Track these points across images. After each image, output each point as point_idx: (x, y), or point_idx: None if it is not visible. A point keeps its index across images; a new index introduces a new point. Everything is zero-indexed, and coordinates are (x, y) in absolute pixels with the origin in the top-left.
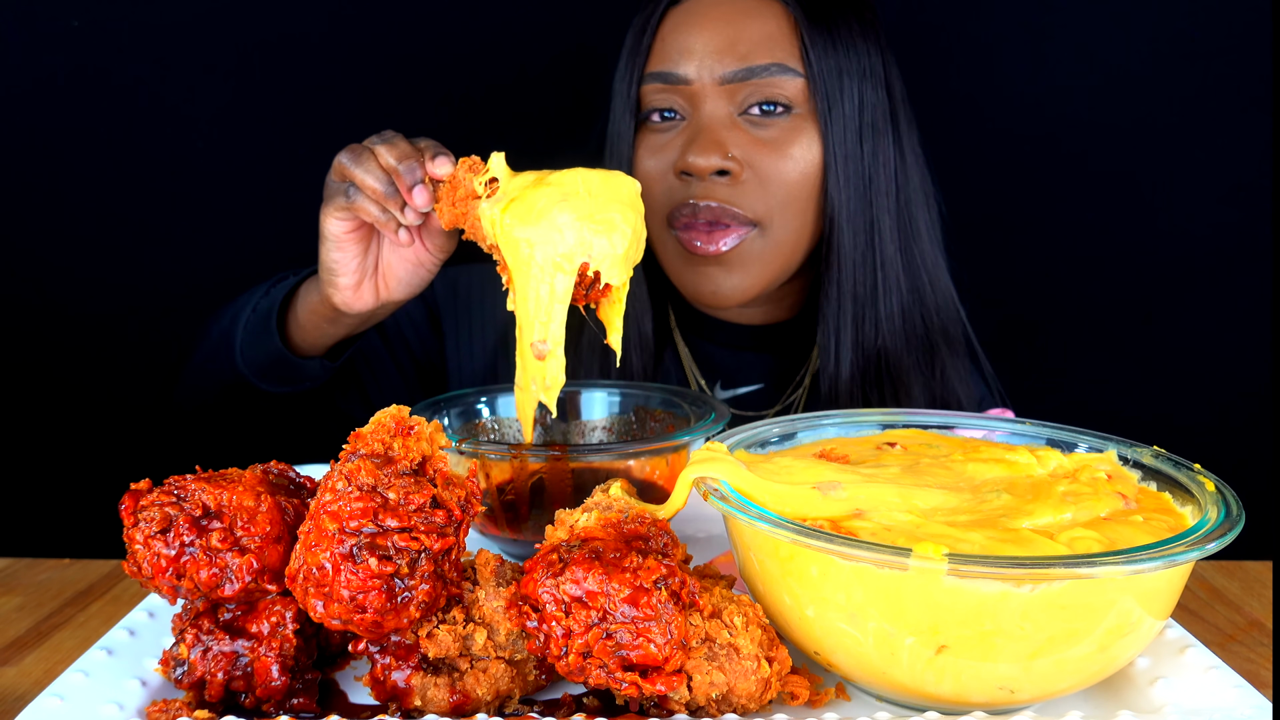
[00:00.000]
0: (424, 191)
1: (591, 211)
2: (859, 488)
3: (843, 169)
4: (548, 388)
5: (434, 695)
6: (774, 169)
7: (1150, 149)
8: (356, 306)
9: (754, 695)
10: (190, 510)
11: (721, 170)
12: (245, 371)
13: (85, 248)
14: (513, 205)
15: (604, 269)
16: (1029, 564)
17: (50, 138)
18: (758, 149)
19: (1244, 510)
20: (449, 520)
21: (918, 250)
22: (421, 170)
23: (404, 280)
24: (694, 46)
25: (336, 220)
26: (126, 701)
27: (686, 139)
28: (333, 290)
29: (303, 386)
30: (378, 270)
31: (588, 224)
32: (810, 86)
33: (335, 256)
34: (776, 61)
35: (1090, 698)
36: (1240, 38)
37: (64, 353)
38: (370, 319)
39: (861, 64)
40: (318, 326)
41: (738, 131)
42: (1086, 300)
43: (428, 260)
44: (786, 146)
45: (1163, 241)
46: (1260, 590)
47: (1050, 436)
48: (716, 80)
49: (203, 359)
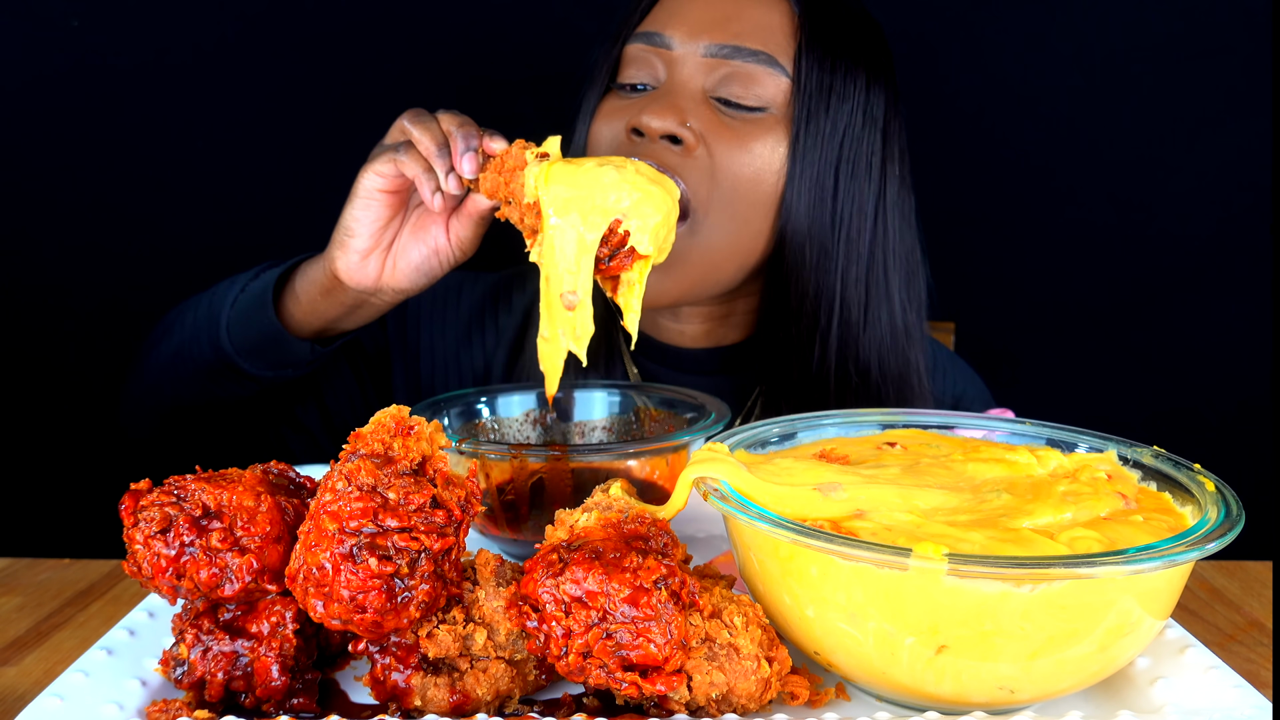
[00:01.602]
0: (473, 160)
1: (635, 181)
2: (860, 488)
3: (806, 189)
4: (578, 337)
5: (434, 695)
6: (729, 157)
7: (1150, 149)
8: (357, 277)
9: (754, 695)
10: (190, 510)
11: (674, 138)
12: (230, 351)
13: (85, 246)
14: (560, 163)
15: (634, 230)
16: (1029, 564)
17: (50, 137)
18: (719, 130)
19: (1244, 510)
20: (449, 520)
21: (885, 314)
22: (477, 139)
23: (413, 265)
24: (688, 15)
25: (376, 175)
26: (126, 701)
27: (649, 99)
28: (341, 253)
29: (285, 372)
30: (391, 249)
31: (629, 186)
32: (794, 91)
33: (358, 214)
34: (767, 51)
35: (1090, 698)
36: (1240, 38)
37: (64, 352)
38: (360, 306)
39: (858, 98)
40: (312, 300)
41: (704, 107)
42: (1086, 300)
43: (444, 251)
44: (750, 139)
45: (1163, 241)
46: (1260, 590)
47: (1050, 436)
48: (699, 52)
49: (176, 347)
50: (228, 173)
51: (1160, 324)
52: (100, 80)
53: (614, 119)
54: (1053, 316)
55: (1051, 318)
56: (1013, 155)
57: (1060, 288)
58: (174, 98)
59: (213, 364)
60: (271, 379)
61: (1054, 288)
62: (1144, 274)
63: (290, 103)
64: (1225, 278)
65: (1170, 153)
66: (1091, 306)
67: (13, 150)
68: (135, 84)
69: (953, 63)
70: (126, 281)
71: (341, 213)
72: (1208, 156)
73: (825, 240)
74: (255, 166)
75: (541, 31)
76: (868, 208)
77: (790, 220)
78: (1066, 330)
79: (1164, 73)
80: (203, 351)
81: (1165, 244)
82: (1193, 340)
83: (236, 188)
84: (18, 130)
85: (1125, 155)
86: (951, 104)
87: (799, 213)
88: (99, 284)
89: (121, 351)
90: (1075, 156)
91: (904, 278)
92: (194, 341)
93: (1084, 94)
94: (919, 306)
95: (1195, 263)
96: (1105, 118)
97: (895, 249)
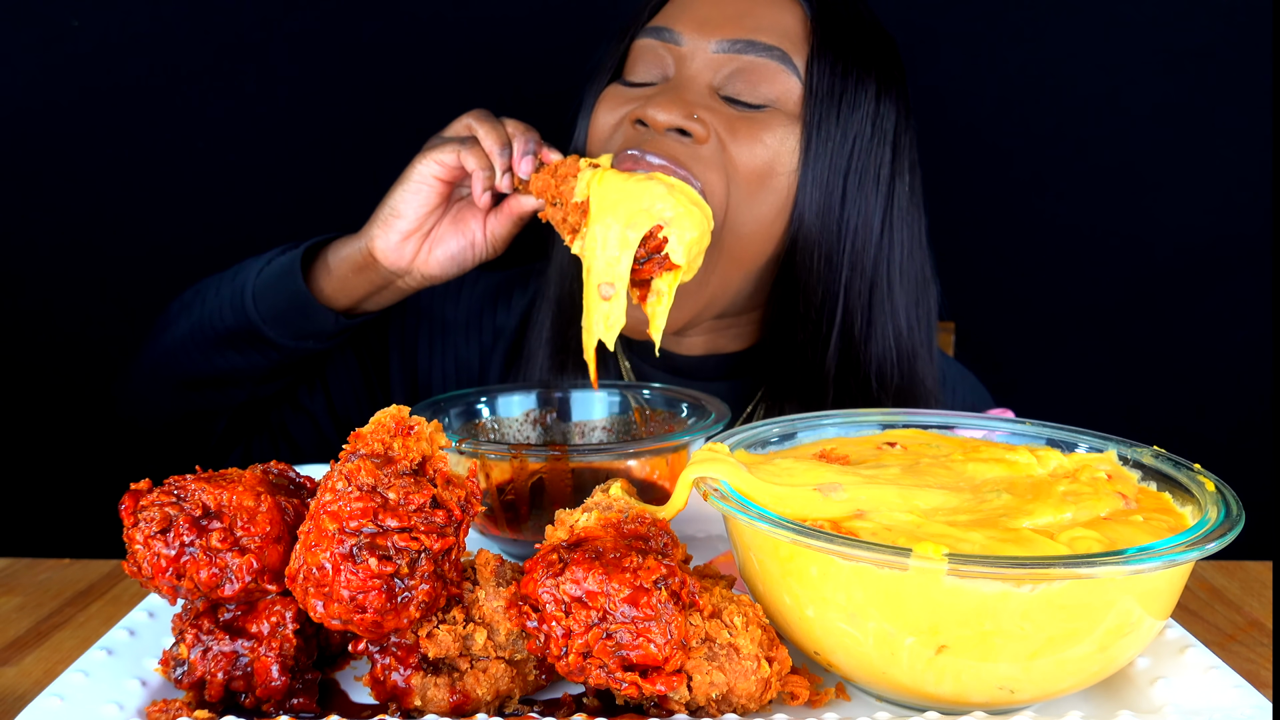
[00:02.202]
0: (532, 163)
1: (680, 198)
2: (860, 489)
3: (816, 193)
4: (610, 326)
5: (434, 695)
6: (742, 149)
7: (1150, 149)
8: (392, 257)
9: (754, 695)
10: (190, 510)
11: (683, 131)
12: (256, 317)
13: (85, 246)
14: (613, 171)
15: (672, 238)
16: (1029, 564)
17: (50, 138)
18: (730, 124)
19: (1244, 510)
20: (449, 520)
21: (890, 330)
22: (538, 146)
23: (448, 254)
24: (699, 12)
25: (435, 163)
26: (126, 701)
27: (655, 93)
28: (383, 230)
29: (305, 344)
30: (430, 235)
31: (674, 200)
32: (805, 95)
33: (408, 198)
34: (781, 48)
35: (1090, 698)
36: (1240, 38)
37: (64, 352)
38: (386, 287)
39: (868, 107)
40: (343, 276)
41: (713, 100)
42: (1086, 300)
43: (479, 244)
44: (762, 131)
45: (1163, 241)
46: (1260, 590)
47: (1050, 436)
48: (709, 48)
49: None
50: (229, 173)
51: (1160, 324)
52: (100, 80)
53: (616, 108)
54: (1052, 317)
55: (1051, 318)
56: (1013, 156)
57: (1060, 288)
58: (174, 98)
59: (235, 331)
60: (293, 349)
61: (1054, 288)
62: (1144, 274)
63: (291, 103)
64: (1225, 279)
65: (1170, 154)
66: (1091, 307)
67: (13, 150)
68: (135, 84)
69: (951, 63)
70: (127, 282)
71: (388, 194)
72: (1207, 157)
73: (831, 248)
74: (256, 167)
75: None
76: (874, 220)
77: (801, 224)
78: (1066, 330)
79: (1164, 73)
80: (225, 320)
81: (1165, 244)
82: (1192, 340)
83: (237, 188)
84: (18, 130)
85: (1125, 156)
86: (951, 104)
87: (809, 216)
88: (99, 284)
89: (121, 352)
90: (1075, 157)
91: (912, 296)
92: (217, 312)
93: (1083, 94)
94: (928, 327)
95: (1195, 263)
96: (1105, 118)
97: (902, 266)
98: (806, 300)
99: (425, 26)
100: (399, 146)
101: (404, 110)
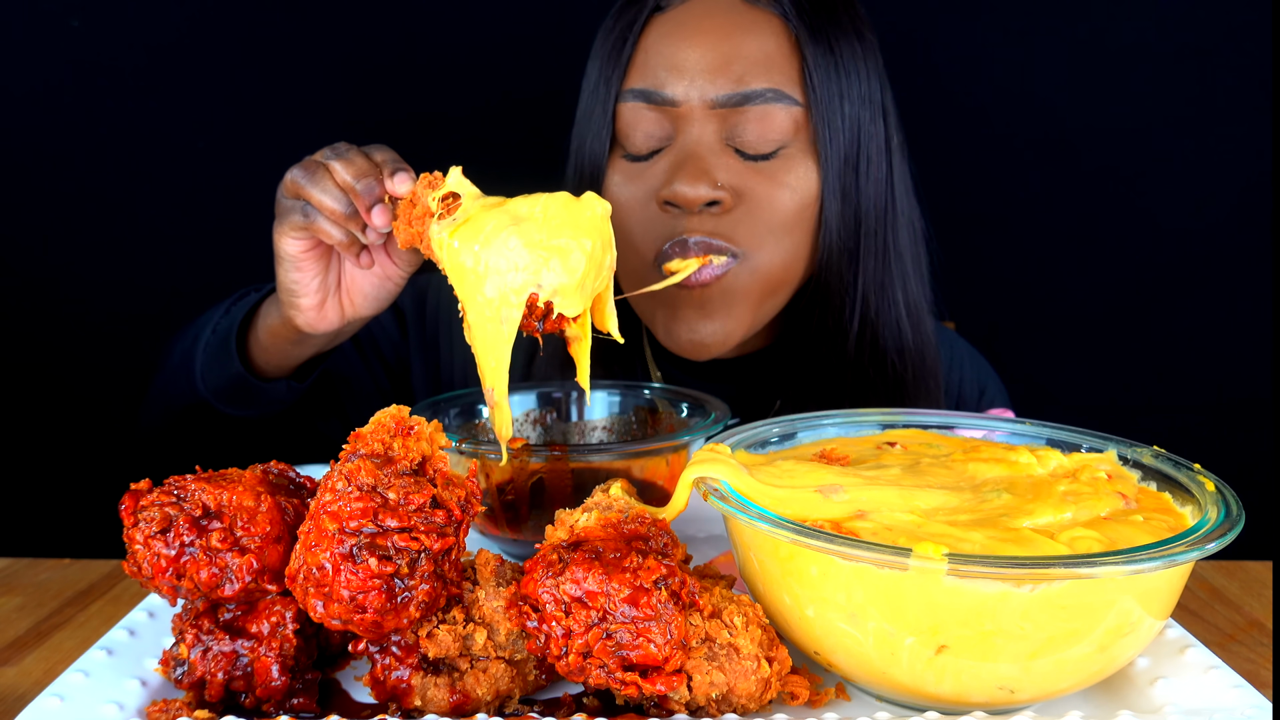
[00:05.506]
0: (384, 211)
1: (542, 238)
2: (860, 489)
3: (837, 200)
4: (500, 435)
5: (434, 695)
6: (768, 197)
7: (1150, 149)
8: (321, 327)
9: (754, 695)
10: (190, 510)
11: (711, 201)
12: (206, 395)
13: (85, 248)
14: (461, 228)
15: (556, 301)
16: (1029, 564)
17: (50, 138)
18: (750, 176)
19: (1244, 510)
20: (449, 520)
21: (901, 288)
22: (380, 188)
23: (370, 296)
24: (684, 63)
25: (293, 240)
26: (126, 701)
27: (671, 165)
28: (295, 312)
29: (269, 410)
30: (340, 287)
31: (537, 251)
32: (809, 114)
33: (294, 277)
34: (774, 87)
35: (1090, 698)
36: (1240, 38)
37: (64, 353)
38: (337, 337)
39: (860, 89)
40: (280, 349)
41: (727, 158)
42: (1086, 300)
43: (394, 274)
44: (782, 175)
45: (1163, 241)
46: (1260, 590)
47: (1050, 436)
48: (707, 103)
49: (164, 382)
50: (229, 173)
51: (1160, 324)
52: (100, 80)
53: (636, 184)
54: (1052, 316)
55: (1051, 318)
56: (1013, 155)
57: (1060, 288)
58: (175, 98)
59: (194, 405)
60: (255, 418)
61: (1054, 288)
62: (1144, 274)
63: (292, 103)
64: (1225, 277)
65: (1170, 153)
66: (1091, 306)
67: (13, 150)
68: (135, 84)
69: (951, 62)
70: (126, 282)
71: (276, 276)
72: (1207, 156)
73: (850, 239)
74: (258, 168)
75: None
76: (883, 194)
77: (829, 232)
78: (1066, 330)
79: (1164, 72)
80: (183, 392)
81: (1165, 243)
82: (1193, 340)
83: (238, 188)
84: (18, 130)
85: (1125, 155)
86: (951, 103)
87: (834, 223)
88: (99, 284)
89: (121, 352)
90: (1075, 156)
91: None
92: (175, 380)
93: (1083, 93)
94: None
95: (1195, 262)
96: (1105, 117)
97: (907, 220)
98: (823, 288)
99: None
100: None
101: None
